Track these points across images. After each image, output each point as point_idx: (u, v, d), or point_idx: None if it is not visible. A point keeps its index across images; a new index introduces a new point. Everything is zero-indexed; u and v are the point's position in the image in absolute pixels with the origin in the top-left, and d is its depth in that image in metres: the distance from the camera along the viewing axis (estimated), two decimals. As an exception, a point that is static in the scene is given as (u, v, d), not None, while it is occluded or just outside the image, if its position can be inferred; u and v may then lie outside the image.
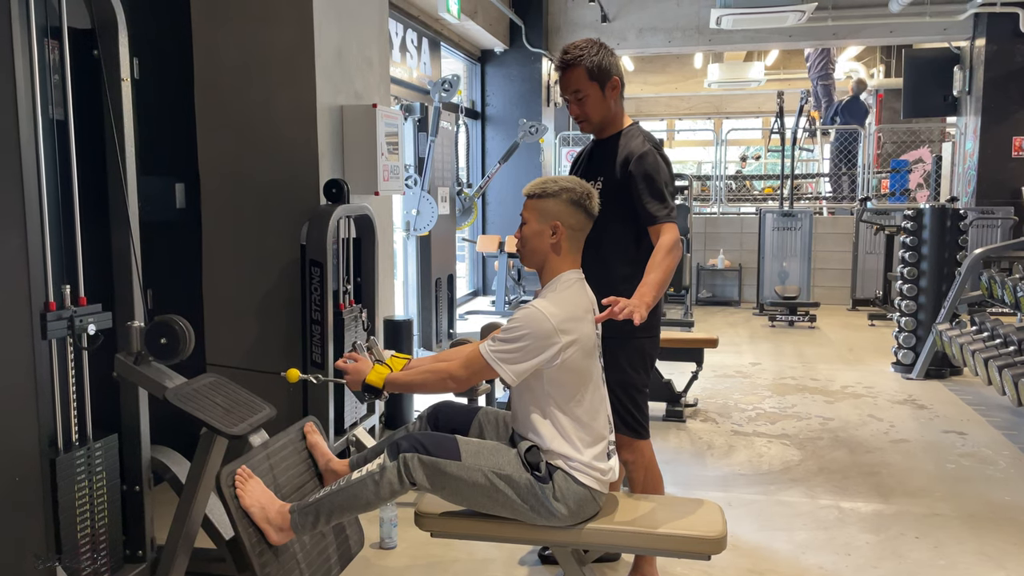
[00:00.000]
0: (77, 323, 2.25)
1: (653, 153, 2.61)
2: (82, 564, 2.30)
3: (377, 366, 2.37)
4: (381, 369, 2.35)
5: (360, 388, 2.36)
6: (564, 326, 2.19)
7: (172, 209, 3.75)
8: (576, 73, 2.64)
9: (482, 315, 8.35)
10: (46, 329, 2.17)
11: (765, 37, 9.45)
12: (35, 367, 2.16)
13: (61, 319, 2.21)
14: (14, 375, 2.16)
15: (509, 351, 2.18)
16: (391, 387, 2.32)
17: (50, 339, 2.19)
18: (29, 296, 2.14)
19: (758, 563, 3.00)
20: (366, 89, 4.21)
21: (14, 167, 2.10)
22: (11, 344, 2.15)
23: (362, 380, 2.35)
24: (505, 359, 2.18)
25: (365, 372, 2.35)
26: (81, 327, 2.25)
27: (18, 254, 2.12)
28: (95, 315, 2.30)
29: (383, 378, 2.32)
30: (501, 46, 9.54)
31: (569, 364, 2.21)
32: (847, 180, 10.63)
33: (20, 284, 2.13)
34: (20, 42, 2.09)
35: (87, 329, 2.27)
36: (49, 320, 2.17)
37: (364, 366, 2.37)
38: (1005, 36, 8.66)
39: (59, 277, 2.25)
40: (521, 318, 2.20)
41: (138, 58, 3.26)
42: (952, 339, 5.21)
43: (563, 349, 2.19)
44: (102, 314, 2.33)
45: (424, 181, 6.13)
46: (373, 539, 3.08)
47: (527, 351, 2.17)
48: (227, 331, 3.82)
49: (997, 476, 3.90)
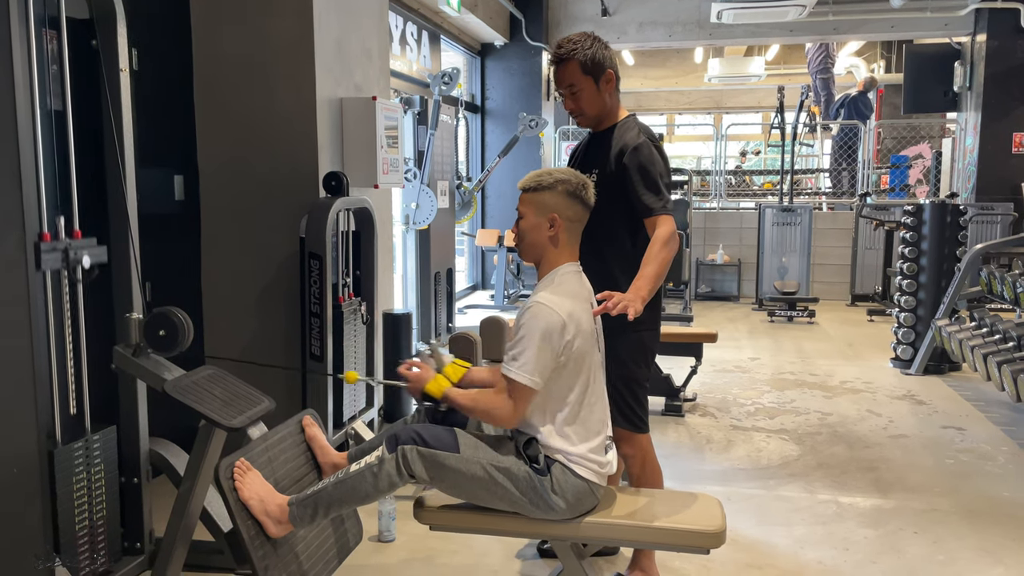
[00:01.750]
0: (72, 255, 2.21)
1: (648, 145, 2.60)
2: (80, 556, 2.30)
3: (438, 376, 2.35)
4: (442, 381, 2.33)
5: (419, 396, 2.34)
6: (570, 316, 2.19)
7: (171, 201, 3.74)
8: (570, 67, 2.63)
9: (481, 309, 8.35)
10: (40, 260, 2.13)
11: (766, 32, 9.43)
12: (29, 299, 2.12)
13: (55, 250, 2.17)
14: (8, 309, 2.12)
15: (526, 358, 2.15)
16: (447, 401, 2.30)
17: (44, 270, 2.16)
18: (23, 227, 2.10)
19: (757, 558, 3.00)
20: (366, 82, 4.19)
21: (12, 158, 2.09)
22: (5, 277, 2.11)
23: (421, 388, 2.33)
24: (525, 368, 2.15)
25: (426, 380, 2.33)
26: (76, 259, 2.22)
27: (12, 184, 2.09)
28: (90, 248, 2.27)
29: (442, 391, 2.31)
30: (501, 39, 9.51)
31: (570, 357, 2.21)
32: (847, 175, 10.62)
33: (14, 214, 2.09)
34: (18, 32, 2.08)
35: (82, 261, 2.23)
36: (43, 251, 2.14)
37: (426, 374, 2.35)
38: (1006, 32, 8.64)
39: (53, 208, 2.21)
40: (528, 318, 2.18)
41: (137, 49, 3.24)
42: (951, 335, 5.21)
43: (572, 340, 2.19)
44: (97, 248, 2.30)
45: (423, 174, 6.12)
46: (372, 532, 3.08)
47: (544, 349, 2.15)
48: (226, 323, 3.81)
49: (996, 472, 3.90)
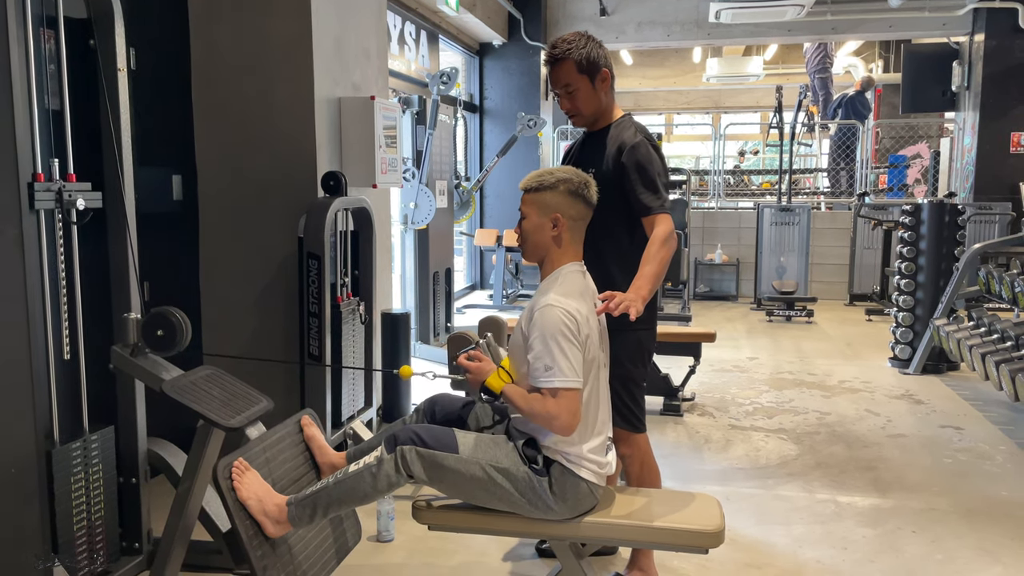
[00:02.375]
0: (66, 196, 2.19)
1: (645, 144, 2.60)
2: (78, 556, 2.30)
3: (500, 370, 2.32)
4: (503, 375, 2.30)
5: (478, 388, 2.32)
6: (581, 315, 2.19)
7: (169, 201, 3.74)
8: (565, 67, 2.62)
9: (480, 309, 8.35)
10: (33, 199, 2.12)
11: (764, 31, 9.44)
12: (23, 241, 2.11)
13: (49, 191, 2.16)
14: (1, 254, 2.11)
15: (557, 362, 2.13)
16: (506, 398, 2.27)
17: (38, 209, 2.15)
18: (16, 167, 2.09)
19: (755, 557, 3.00)
20: (364, 81, 4.19)
21: (10, 157, 2.09)
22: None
23: (482, 381, 2.30)
24: (563, 372, 2.13)
25: (487, 373, 2.29)
26: (70, 201, 2.20)
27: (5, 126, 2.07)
28: (84, 192, 2.25)
29: (503, 386, 2.27)
30: (500, 39, 9.51)
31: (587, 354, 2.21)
32: (845, 175, 10.63)
33: (7, 155, 2.08)
34: (16, 32, 2.08)
35: (76, 203, 2.21)
36: (37, 191, 2.12)
37: (487, 367, 2.32)
38: (1004, 31, 8.65)
39: (47, 150, 2.19)
40: (542, 323, 2.16)
41: (135, 48, 3.24)
42: (949, 334, 5.21)
43: (588, 337, 2.18)
44: (91, 193, 2.28)
45: (422, 174, 6.12)
46: (371, 532, 3.08)
47: (570, 348, 2.14)
48: (224, 323, 3.81)
49: (994, 471, 3.91)
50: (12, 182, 2.09)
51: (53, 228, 2.22)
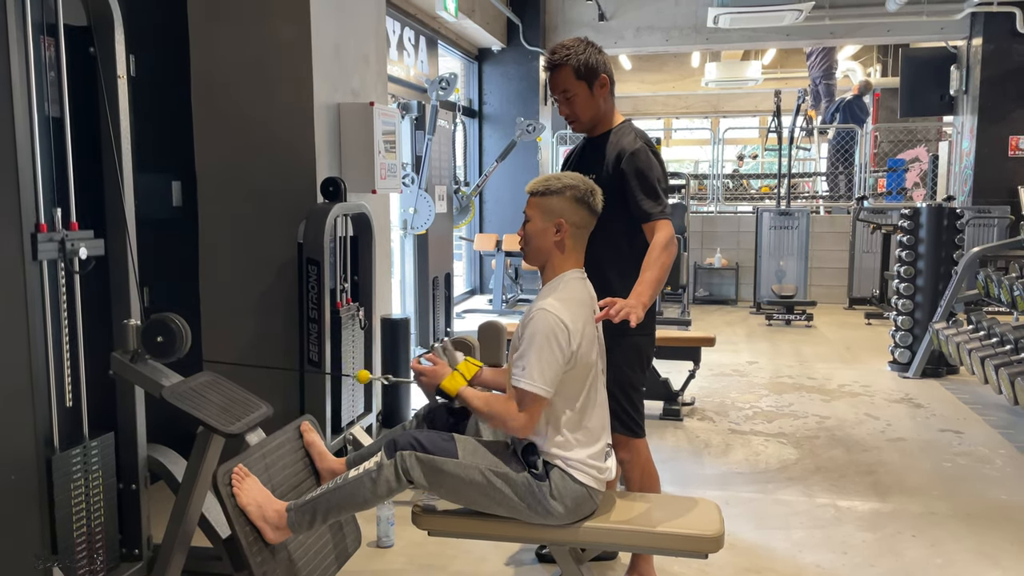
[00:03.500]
0: (68, 246, 2.20)
1: (645, 150, 2.61)
2: (78, 563, 2.29)
3: (454, 373, 2.34)
4: (458, 378, 2.33)
5: (434, 392, 2.34)
6: (574, 323, 2.19)
7: (169, 207, 3.74)
8: (563, 72, 2.63)
9: (479, 314, 8.35)
10: (36, 250, 2.12)
11: (762, 36, 9.46)
12: (26, 289, 2.11)
13: (52, 241, 2.17)
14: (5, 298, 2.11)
15: (534, 366, 2.15)
16: (461, 400, 2.29)
17: (41, 260, 2.15)
18: (20, 218, 2.09)
19: (755, 562, 3.00)
20: (363, 87, 4.20)
21: (10, 165, 2.09)
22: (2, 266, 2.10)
23: (437, 384, 2.32)
24: (535, 377, 2.15)
25: (442, 376, 2.33)
26: (72, 250, 2.21)
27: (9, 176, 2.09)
28: (87, 240, 2.26)
29: (457, 388, 2.30)
30: (499, 44, 9.53)
31: (576, 363, 2.21)
32: (844, 179, 10.64)
33: (11, 205, 2.08)
34: (16, 39, 2.08)
35: (79, 252, 2.22)
36: (40, 241, 2.13)
37: (442, 370, 2.35)
38: (1002, 35, 8.67)
39: (50, 200, 2.20)
40: (534, 326, 2.18)
41: (135, 55, 3.25)
42: (949, 338, 5.21)
43: (578, 347, 2.19)
44: (94, 240, 2.30)
45: (421, 179, 6.12)
46: (370, 538, 3.08)
47: (551, 356, 2.15)
48: (224, 329, 3.81)
49: (994, 475, 3.91)
50: (15, 233, 2.11)
51: (56, 277, 2.24)
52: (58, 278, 2.24)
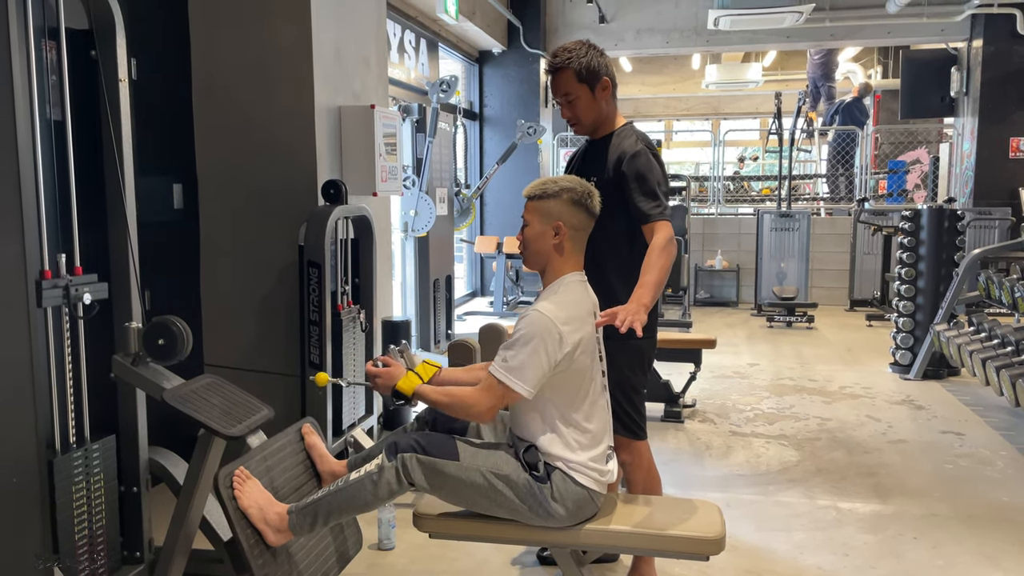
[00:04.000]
0: (73, 292, 2.21)
1: (645, 152, 2.61)
2: (80, 565, 2.30)
3: (409, 373, 2.35)
4: (413, 378, 2.33)
5: (390, 393, 2.34)
6: (569, 328, 2.19)
7: (170, 210, 3.75)
8: (565, 75, 2.63)
9: (480, 316, 8.35)
10: (41, 297, 2.14)
11: (763, 38, 9.46)
12: (31, 336, 2.12)
13: (56, 287, 2.18)
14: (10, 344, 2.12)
15: (519, 363, 2.15)
16: (418, 398, 2.30)
17: (45, 307, 2.16)
18: (24, 264, 2.10)
19: (756, 564, 3.00)
20: (364, 90, 4.21)
21: (11, 168, 2.10)
22: (7, 312, 2.11)
23: (392, 386, 2.33)
24: (517, 374, 2.15)
25: (397, 377, 2.33)
26: (77, 296, 2.22)
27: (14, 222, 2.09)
28: (91, 285, 2.28)
29: (412, 387, 2.31)
30: (499, 47, 9.54)
31: (572, 366, 2.21)
32: (844, 181, 10.65)
33: (15, 252, 2.10)
34: (18, 43, 2.09)
35: (83, 298, 2.24)
36: (44, 288, 2.14)
37: (396, 371, 2.36)
38: (1002, 37, 8.67)
39: (54, 246, 2.21)
40: (526, 325, 2.18)
41: (136, 59, 3.25)
42: (950, 339, 5.21)
43: (572, 351, 2.19)
44: (98, 284, 2.31)
45: (422, 182, 6.13)
46: (371, 540, 3.08)
47: (538, 358, 2.15)
48: (225, 332, 3.81)
49: (995, 476, 3.91)
50: (20, 280, 2.12)
51: (60, 323, 2.26)
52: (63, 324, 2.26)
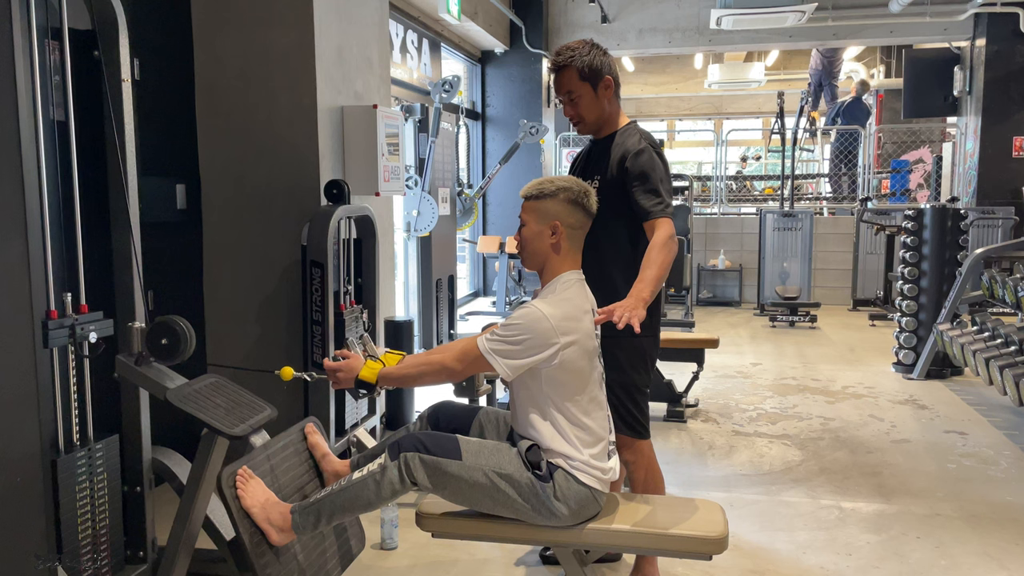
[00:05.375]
0: (79, 331, 2.24)
1: (649, 150, 2.61)
2: (83, 565, 2.30)
3: (369, 362, 2.34)
4: (373, 365, 2.32)
5: (353, 385, 2.34)
6: (562, 326, 2.19)
7: (173, 210, 3.75)
8: (568, 74, 2.64)
9: (483, 316, 8.35)
10: (48, 337, 2.16)
11: (765, 37, 9.46)
12: (37, 375, 2.16)
13: (63, 327, 2.21)
14: (16, 382, 2.15)
15: (506, 346, 2.19)
16: (384, 381, 2.30)
17: (52, 347, 2.19)
18: (31, 305, 2.14)
19: (759, 563, 2.99)
20: (366, 90, 4.21)
21: (15, 168, 2.10)
22: (13, 352, 2.14)
23: (355, 376, 2.33)
24: (501, 353, 2.18)
25: (357, 368, 2.33)
26: (82, 335, 2.25)
27: (20, 262, 2.11)
28: (96, 323, 2.30)
29: (375, 373, 2.30)
30: (501, 47, 9.54)
31: (568, 364, 2.21)
32: (847, 180, 10.64)
33: (22, 293, 2.12)
34: (21, 43, 2.09)
35: (88, 337, 2.27)
36: (51, 328, 2.17)
37: (356, 363, 2.35)
38: (1005, 36, 8.66)
39: (60, 285, 2.25)
40: (520, 317, 2.21)
41: (139, 59, 3.26)
42: (953, 339, 5.21)
43: (561, 349, 2.19)
44: (103, 321, 2.33)
45: (425, 182, 6.13)
46: (374, 540, 3.08)
47: (524, 348, 2.18)
48: (228, 332, 3.82)
49: (999, 476, 3.90)
50: (27, 322, 2.14)
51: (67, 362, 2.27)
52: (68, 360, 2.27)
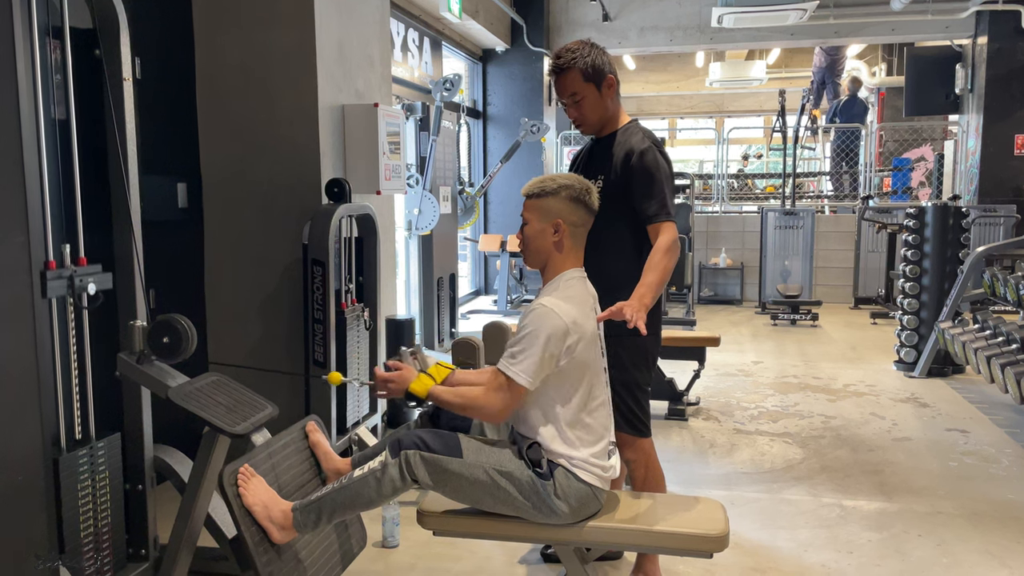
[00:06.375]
0: (77, 282, 2.22)
1: (653, 150, 2.61)
2: (85, 563, 2.30)
3: (422, 375, 2.33)
4: (425, 379, 2.32)
5: (403, 395, 2.33)
6: (574, 322, 2.20)
7: (174, 209, 3.75)
8: (571, 76, 2.63)
9: (484, 314, 8.36)
10: (46, 287, 2.14)
11: (766, 36, 9.45)
12: (35, 326, 2.13)
13: (61, 278, 2.19)
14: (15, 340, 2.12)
15: (524, 356, 2.15)
16: (432, 399, 2.29)
17: (50, 297, 2.17)
18: (29, 254, 2.11)
19: (760, 561, 3.00)
20: (368, 88, 4.21)
21: (16, 167, 2.10)
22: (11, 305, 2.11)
23: (405, 388, 2.31)
24: (520, 365, 2.15)
25: (409, 380, 2.31)
26: (81, 286, 2.23)
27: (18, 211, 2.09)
28: (95, 275, 2.28)
29: (427, 389, 2.29)
30: (502, 45, 9.54)
31: (573, 363, 2.22)
32: (848, 178, 10.63)
33: (20, 242, 2.10)
34: (22, 42, 2.09)
35: (87, 289, 2.24)
36: (49, 279, 2.15)
37: (409, 374, 2.33)
38: (1007, 34, 8.65)
39: (59, 237, 2.22)
40: (531, 320, 2.19)
41: (140, 58, 3.26)
42: (954, 337, 5.20)
43: (574, 345, 2.19)
44: (102, 275, 2.31)
45: (426, 180, 6.14)
46: (375, 538, 3.08)
47: (542, 351, 2.15)
48: (229, 330, 3.82)
49: (1000, 474, 3.90)
50: (25, 271, 2.12)
51: (65, 313, 2.26)
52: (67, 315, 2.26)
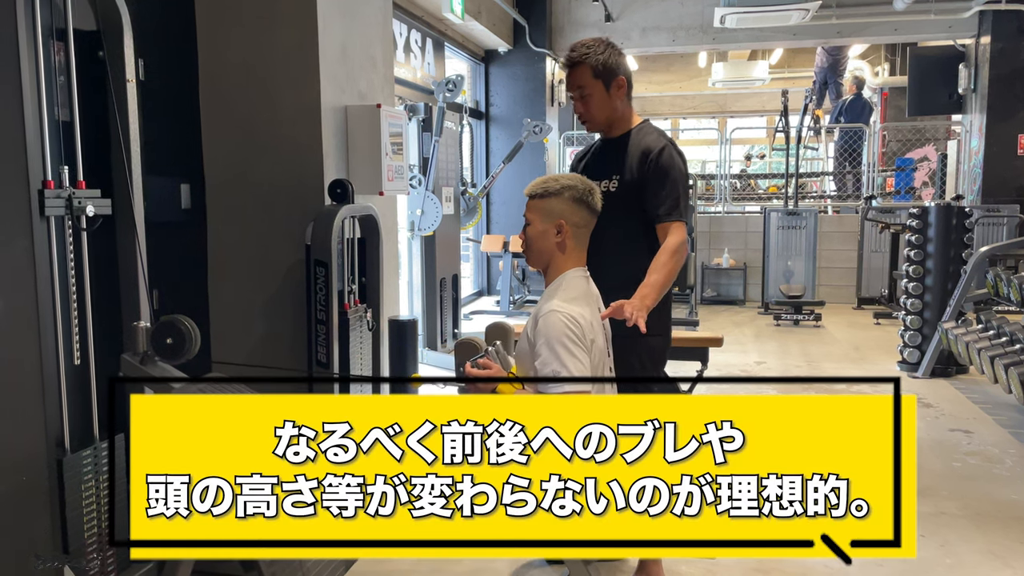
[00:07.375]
0: (76, 203, 2.21)
1: (670, 149, 2.62)
2: (89, 564, 2.31)
3: (507, 385, 2.28)
4: (507, 388, 2.27)
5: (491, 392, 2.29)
6: (585, 319, 2.20)
7: (177, 210, 3.76)
8: (581, 70, 2.65)
9: (487, 315, 8.36)
10: (44, 206, 2.13)
11: (769, 36, 9.44)
12: (34, 246, 2.12)
13: (59, 197, 2.18)
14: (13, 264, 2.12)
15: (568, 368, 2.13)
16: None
17: (48, 216, 2.16)
18: (27, 173, 2.10)
19: (763, 562, 2.99)
20: (370, 89, 4.21)
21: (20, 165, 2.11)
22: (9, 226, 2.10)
23: (493, 389, 2.27)
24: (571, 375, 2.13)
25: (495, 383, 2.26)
26: (80, 208, 2.22)
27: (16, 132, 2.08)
28: (94, 199, 2.28)
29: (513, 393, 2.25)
30: (505, 46, 9.54)
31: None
32: (851, 178, 10.62)
33: (18, 161, 2.10)
34: (26, 44, 2.10)
35: (85, 210, 2.24)
36: (47, 198, 2.14)
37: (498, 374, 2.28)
38: (1010, 34, 8.63)
39: (57, 158, 2.21)
40: (548, 328, 2.16)
41: (143, 59, 3.27)
42: (958, 337, 5.19)
43: (594, 340, 2.19)
44: (101, 200, 2.31)
45: (428, 181, 6.14)
46: (379, 538, 3.08)
47: (575, 352, 2.13)
48: (232, 331, 3.82)
49: (1004, 475, 3.89)
50: (23, 189, 2.11)
51: (63, 235, 2.24)
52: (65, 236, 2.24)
